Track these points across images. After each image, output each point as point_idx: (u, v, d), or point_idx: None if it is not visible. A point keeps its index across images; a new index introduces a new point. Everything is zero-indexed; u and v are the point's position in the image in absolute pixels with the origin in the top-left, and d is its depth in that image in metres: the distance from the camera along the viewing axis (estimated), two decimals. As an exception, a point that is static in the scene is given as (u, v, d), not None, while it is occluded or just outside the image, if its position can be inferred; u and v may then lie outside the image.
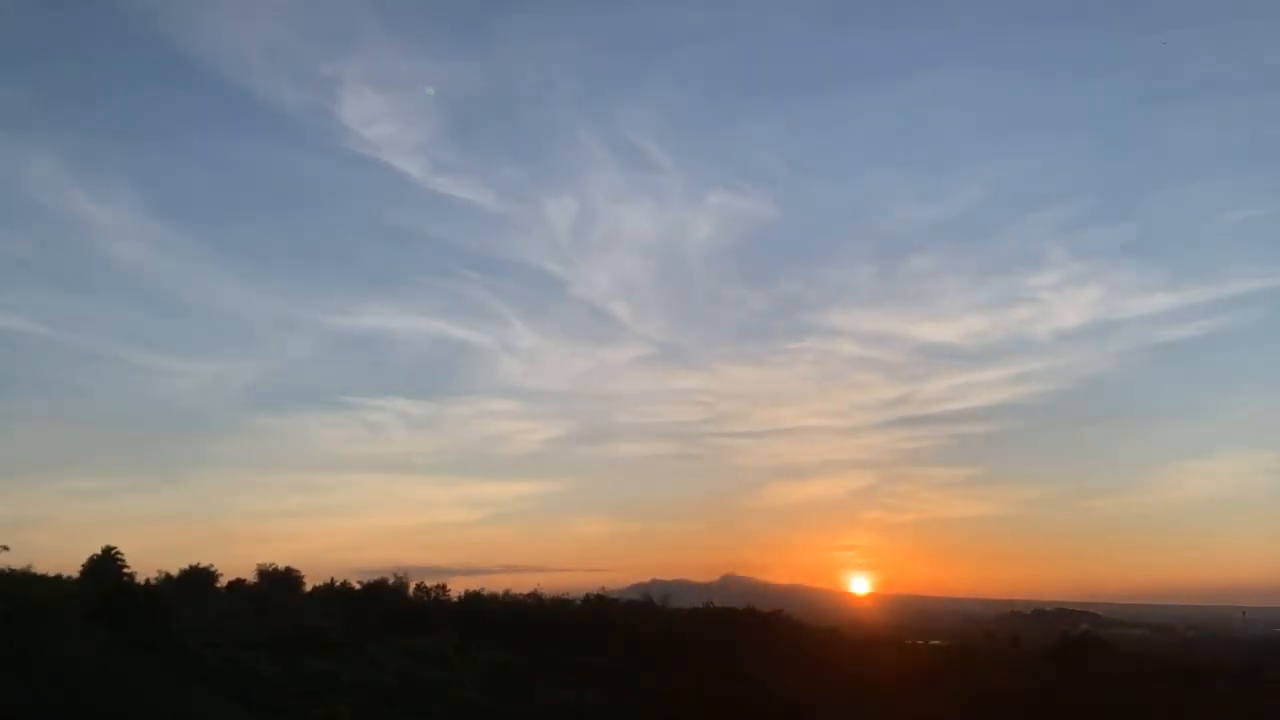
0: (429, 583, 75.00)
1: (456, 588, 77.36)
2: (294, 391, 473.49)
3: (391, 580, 73.17)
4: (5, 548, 34.43)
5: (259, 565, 73.56)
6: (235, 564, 71.83)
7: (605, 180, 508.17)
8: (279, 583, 72.02)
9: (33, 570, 51.26)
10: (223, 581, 70.13)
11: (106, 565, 59.39)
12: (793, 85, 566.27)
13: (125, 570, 59.62)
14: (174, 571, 67.90)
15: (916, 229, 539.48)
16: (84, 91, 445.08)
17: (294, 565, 75.59)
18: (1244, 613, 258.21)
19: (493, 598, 78.32)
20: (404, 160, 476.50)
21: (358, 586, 72.19)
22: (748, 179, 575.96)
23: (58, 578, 57.27)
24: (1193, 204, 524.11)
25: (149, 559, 69.35)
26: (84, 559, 60.98)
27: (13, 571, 42.58)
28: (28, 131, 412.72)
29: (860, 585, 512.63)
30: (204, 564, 70.09)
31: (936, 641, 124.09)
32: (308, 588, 73.70)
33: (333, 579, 74.92)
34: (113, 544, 60.93)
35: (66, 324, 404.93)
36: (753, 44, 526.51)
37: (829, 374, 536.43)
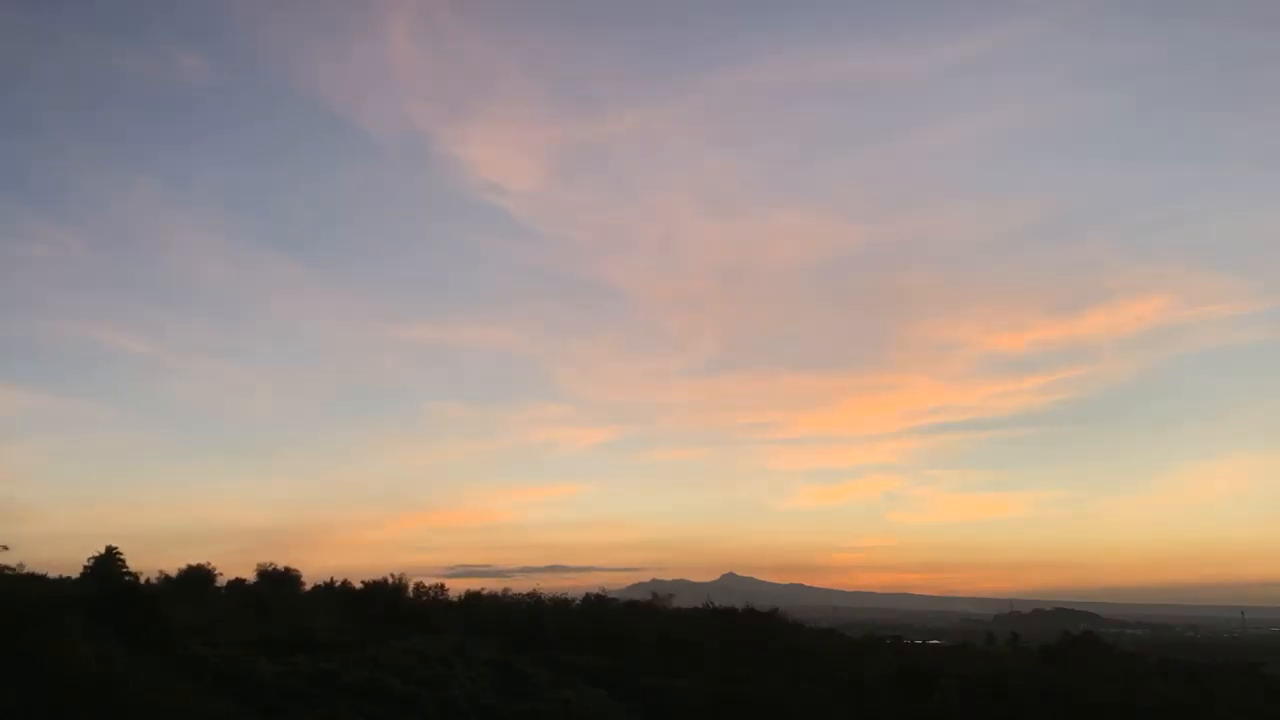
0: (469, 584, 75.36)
1: (457, 588, 77.43)
2: (362, 399, 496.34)
3: (391, 580, 73.05)
4: (5, 547, 34.32)
5: (258, 565, 73.47)
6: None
7: (680, 211, 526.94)
8: (278, 582, 71.82)
9: (31, 570, 51.12)
10: (222, 581, 69.99)
11: (107, 565, 59.13)
12: (858, 119, 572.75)
13: (125, 570, 59.39)
14: (173, 572, 67.84)
15: (984, 243, 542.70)
16: (188, 119, 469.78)
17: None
18: (1244, 613, 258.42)
19: (492, 598, 78.24)
20: (504, 196, 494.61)
21: (358, 586, 72.07)
22: (819, 202, 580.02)
23: (59, 578, 57.22)
24: (1257, 210, 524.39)
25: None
26: (85, 559, 60.81)
27: (13, 571, 42.48)
28: (128, 155, 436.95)
29: (863, 584, 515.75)
30: (203, 563, 70.02)
31: (936, 641, 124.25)
32: (306, 587, 73.54)
33: (332, 579, 74.81)
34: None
35: (159, 339, 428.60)
36: (825, 90, 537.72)
37: (878, 385, 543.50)
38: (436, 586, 74.95)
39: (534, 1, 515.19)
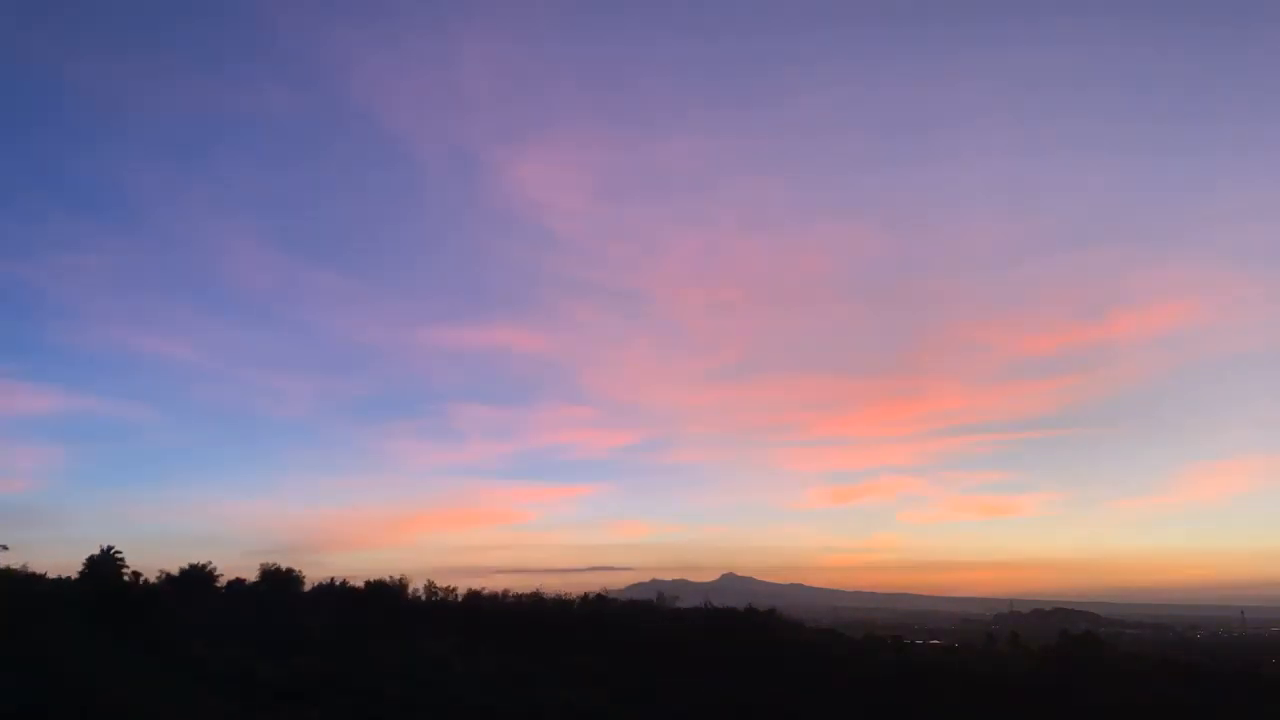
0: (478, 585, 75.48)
1: (465, 586, 77.46)
2: (393, 402, 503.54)
3: (391, 580, 73.04)
4: (5, 547, 34.33)
5: (261, 565, 73.25)
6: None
7: (720, 227, 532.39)
8: (279, 583, 71.62)
9: (31, 570, 51.14)
10: (222, 581, 69.77)
11: (105, 565, 59.02)
12: (889, 128, 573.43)
13: (124, 570, 59.30)
14: (174, 571, 67.61)
15: (1009, 248, 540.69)
16: (238, 132, 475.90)
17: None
18: (1244, 613, 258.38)
19: (494, 598, 78.18)
20: (546, 211, 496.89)
21: (359, 586, 72.03)
22: (849, 211, 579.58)
23: (58, 578, 57.20)
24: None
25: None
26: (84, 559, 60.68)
27: (13, 571, 42.51)
28: (185, 164, 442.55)
29: (863, 584, 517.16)
30: (203, 563, 69.80)
31: (936, 641, 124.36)
32: (307, 587, 73.38)
33: (332, 579, 74.67)
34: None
35: (199, 344, 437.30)
36: (860, 107, 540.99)
37: (902, 388, 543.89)
38: (442, 588, 75.08)
39: (585, 27, 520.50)
